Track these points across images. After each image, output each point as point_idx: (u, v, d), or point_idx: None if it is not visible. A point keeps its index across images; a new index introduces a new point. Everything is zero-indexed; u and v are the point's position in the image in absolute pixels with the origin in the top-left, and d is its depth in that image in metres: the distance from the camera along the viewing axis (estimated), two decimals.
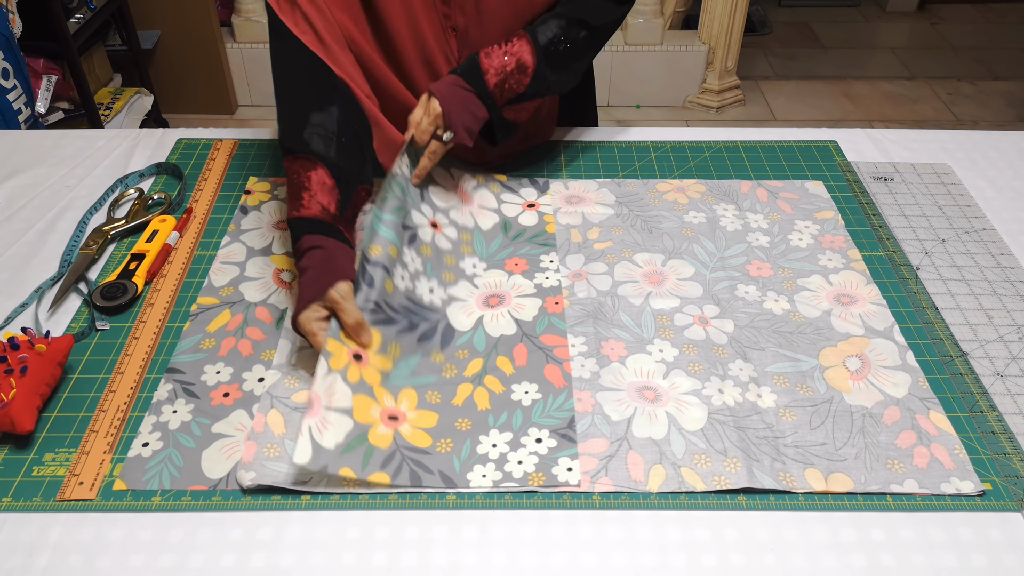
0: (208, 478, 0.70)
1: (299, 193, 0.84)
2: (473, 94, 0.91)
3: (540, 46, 0.93)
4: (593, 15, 0.97)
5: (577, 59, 0.98)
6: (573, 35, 0.95)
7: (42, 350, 0.76)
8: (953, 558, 0.64)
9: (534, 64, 0.92)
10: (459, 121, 0.90)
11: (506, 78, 0.91)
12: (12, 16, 1.83)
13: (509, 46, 0.92)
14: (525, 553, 0.65)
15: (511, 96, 0.93)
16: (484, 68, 0.91)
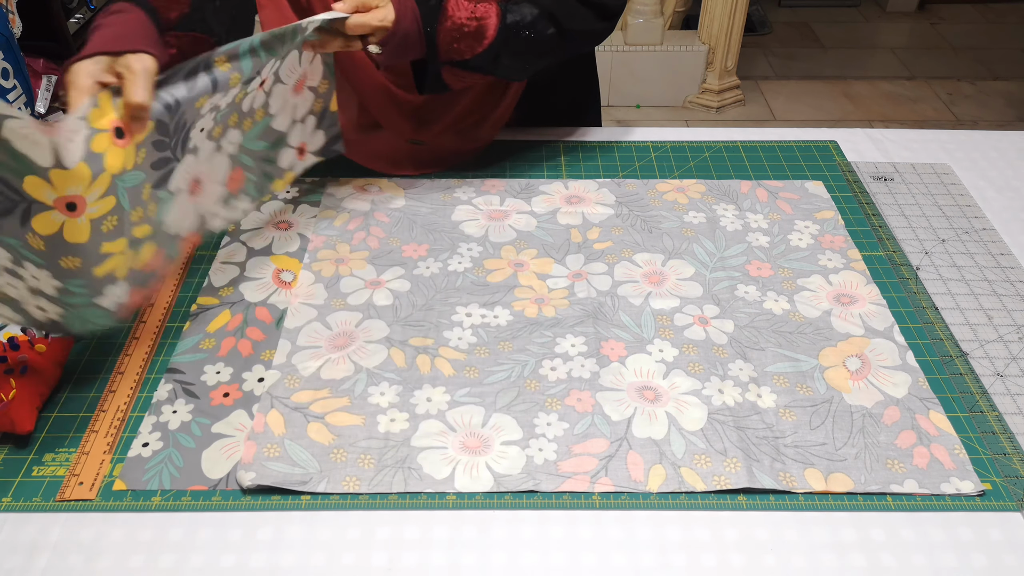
0: (208, 478, 0.70)
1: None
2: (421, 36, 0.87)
3: (505, 23, 0.90)
4: (568, 17, 0.94)
5: (536, 53, 0.95)
6: (541, 28, 0.92)
7: (42, 350, 0.76)
8: (953, 558, 0.64)
9: (492, 38, 0.89)
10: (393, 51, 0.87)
11: (460, 38, 0.88)
12: (12, 16, 1.83)
13: (480, 6, 0.89)
14: (525, 553, 0.65)
15: (456, 57, 0.90)
16: (446, 15, 0.87)
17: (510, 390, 0.78)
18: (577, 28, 0.95)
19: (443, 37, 0.88)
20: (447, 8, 0.88)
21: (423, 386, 0.78)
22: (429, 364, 0.80)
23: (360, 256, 0.94)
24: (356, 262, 0.93)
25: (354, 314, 0.86)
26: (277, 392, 0.77)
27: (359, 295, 0.88)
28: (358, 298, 0.88)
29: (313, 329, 0.84)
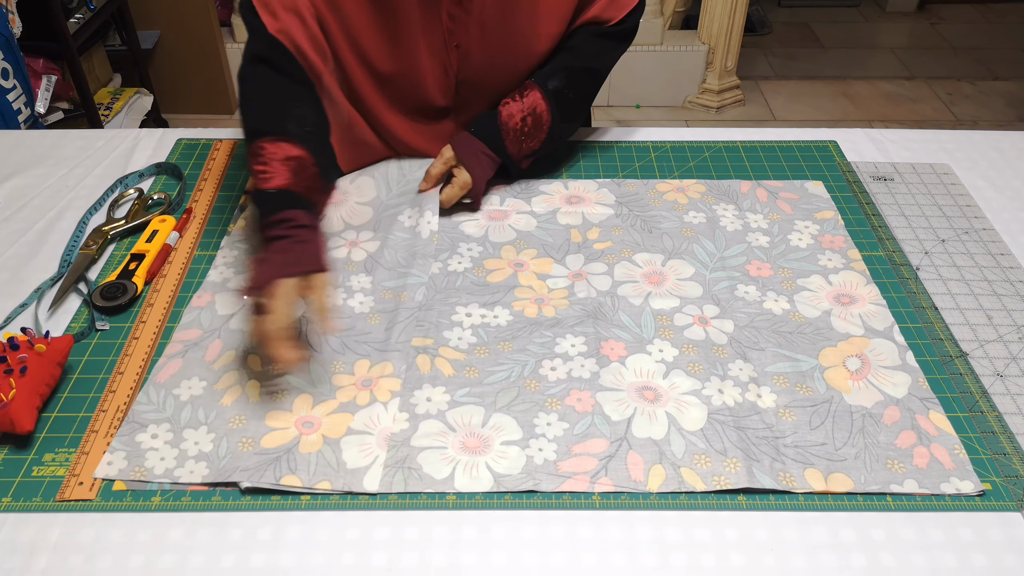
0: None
1: (273, 168, 0.82)
2: (495, 160, 0.99)
3: (551, 96, 0.98)
4: (597, 59, 1.02)
5: (582, 105, 1.04)
6: (579, 81, 1.01)
7: (42, 350, 0.76)
8: (953, 558, 0.64)
9: (549, 120, 0.99)
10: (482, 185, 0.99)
11: (524, 138, 0.99)
12: (12, 16, 1.83)
13: (525, 100, 0.98)
14: (525, 553, 0.65)
15: (527, 153, 1.01)
16: (504, 131, 0.98)
17: (510, 390, 0.78)
18: (607, 64, 1.03)
19: (512, 149, 0.99)
20: (503, 121, 0.98)
21: (423, 386, 0.78)
22: (429, 364, 0.80)
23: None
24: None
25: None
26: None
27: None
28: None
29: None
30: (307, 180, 0.83)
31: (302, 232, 0.79)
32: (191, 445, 0.72)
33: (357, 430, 0.73)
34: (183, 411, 0.75)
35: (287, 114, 0.86)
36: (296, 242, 0.78)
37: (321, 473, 0.70)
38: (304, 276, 0.76)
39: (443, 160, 0.98)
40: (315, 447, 0.72)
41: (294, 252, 0.77)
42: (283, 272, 0.75)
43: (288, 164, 0.82)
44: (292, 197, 0.81)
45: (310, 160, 0.84)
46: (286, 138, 0.84)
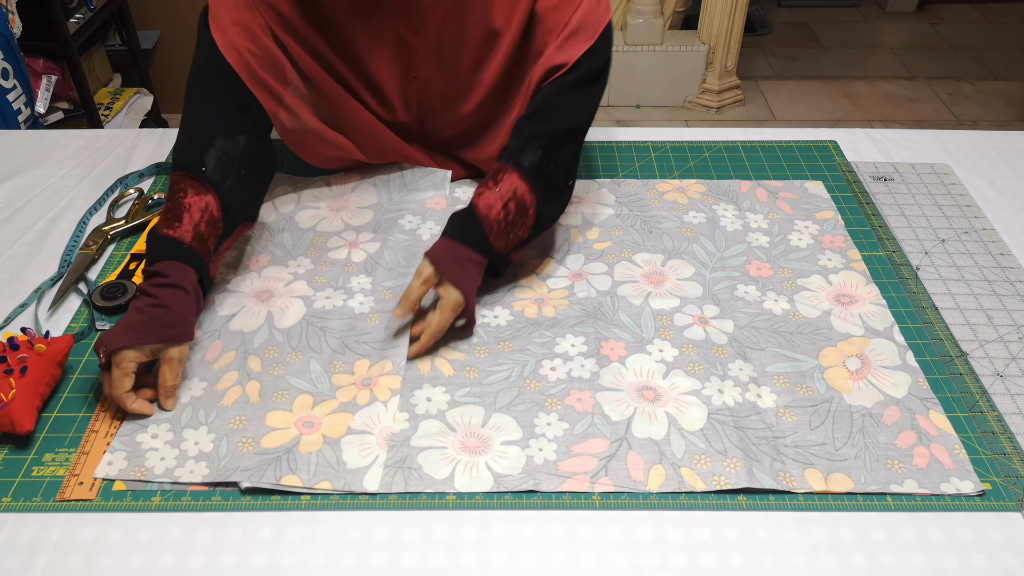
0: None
1: (180, 214, 0.80)
2: (479, 265, 0.83)
3: (530, 175, 0.84)
4: (570, 115, 0.89)
5: (569, 177, 0.89)
6: (557, 149, 0.87)
7: (42, 350, 0.76)
8: (953, 558, 0.64)
9: (534, 201, 0.84)
10: (473, 301, 0.82)
11: (509, 228, 0.84)
12: (12, 16, 1.83)
13: (501, 187, 0.84)
14: (525, 553, 0.65)
15: (517, 243, 0.86)
16: (486, 225, 0.83)
17: (510, 390, 0.77)
18: (582, 118, 0.90)
19: (499, 244, 0.84)
20: (482, 215, 0.83)
21: (423, 386, 0.78)
22: (429, 364, 0.80)
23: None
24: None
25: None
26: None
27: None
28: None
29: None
30: (207, 229, 0.81)
31: (168, 293, 0.76)
32: (191, 445, 0.72)
33: (357, 430, 0.73)
34: (183, 411, 0.75)
35: (212, 145, 0.84)
36: (156, 305, 0.75)
37: (321, 473, 0.70)
38: (152, 346, 0.74)
39: (422, 279, 0.81)
40: (315, 447, 0.72)
41: (148, 316, 0.75)
42: (132, 340, 0.73)
43: (194, 214, 0.80)
44: (178, 248, 0.79)
45: (216, 204, 0.82)
46: (197, 178, 0.82)
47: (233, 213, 0.84)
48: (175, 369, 0.75)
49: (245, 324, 0.84)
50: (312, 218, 0.99)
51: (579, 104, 0.90)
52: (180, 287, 0.77)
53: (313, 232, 0.97)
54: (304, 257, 0.93)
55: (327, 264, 0.92)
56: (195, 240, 0.80)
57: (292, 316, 0.85)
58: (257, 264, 0.92)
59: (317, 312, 0.86)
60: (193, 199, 0.81)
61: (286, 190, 1.03)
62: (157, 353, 0.75)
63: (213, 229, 0.82)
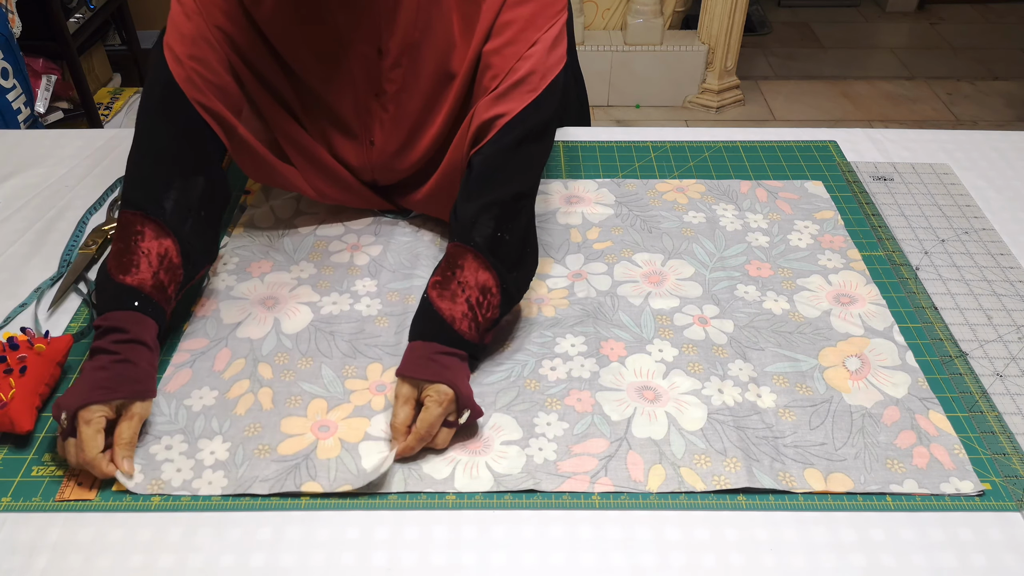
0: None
1: (137, 260, 0.76)
2: (452, 355, 0.75)
3: (486, 251, 0.78)
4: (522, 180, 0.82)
5: (525, 243, 0.82)
6: (511, 218, 0.80)
7: (41, 350, 0.76)
8: (953, 558, 0.64)
9: (496, 279, 0.77)
10: (469, 392, 0.74)
11: (475, 313, 0.76)
12: (12, 16, 1.83)
13: (459, 273, 0.77)
14: (525, 553, 0.65)
15: (487, 326, 0.78)
16: (448, 318, 0.75)
17: (510, 390, 0.77)
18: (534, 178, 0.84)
19: (468, 331, 0.76)
20: (442, 312, 0.76)
21: None
22: None
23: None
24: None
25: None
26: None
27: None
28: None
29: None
30: (166, 275, 0.77)
31: (129, 349, 0.72)
32: (207, 455, 0.72)
33: (375, 436, 0.73)
34: (196, 421, 0.75)
35: (170, 184, 0.80)
36: (120, 360, 0.71)
37: (341, 479, 0.70)
38: (118, 402, 0.70)
39: (402, 400, 0.73)
40: (333, 452, 0.72)
41: (112, 372, 0.71)
42: (99, 396, 0.69)
43: (149, 256, 0.76)
44: (140, 298, 0.74)
45: (175, 249, 0.78)
46: (157, 219, 0.78)
47: (193, 259, 0.80)
48: (135, 427, 0.71)
49: (252, 332, 0.84)
50: (312, 222, 0.99)
51: (527, 165, 0.83)
52: (141, 343, 0.73)
53: (314, 236, 0.97)
54: (306, 262, 0.93)
55: (330, 268, 0.92)
56: (154, 288, 0.75)
57: (299, 322, 0.85)
58: (260, 270, 0.92)
59: (324, 317, 0.86)
60: (152, 243, 0.76)
61: (285, 197, 1.03)
62: (121, 409, 0.71)
63: (173, 276, 0.77)
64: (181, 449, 0.72)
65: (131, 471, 0.70)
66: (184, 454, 0.72)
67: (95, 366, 0.71)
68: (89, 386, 0.70)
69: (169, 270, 0.77)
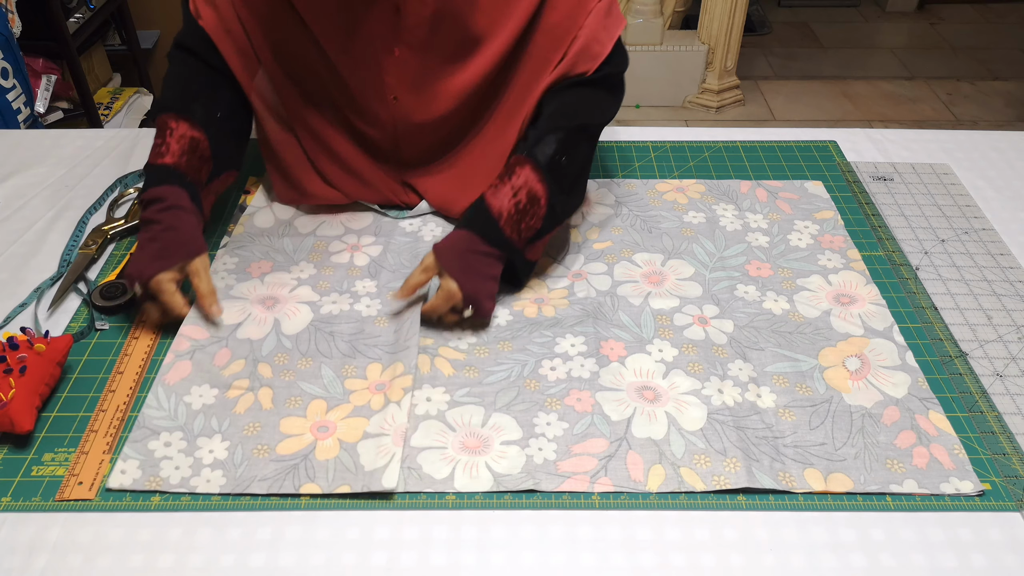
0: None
1: (170, 146, 0.86)
2: (490, 256, 0.83)
3: (544, 168, 0.84)
4: (587, 114, 0.89)
5: (582, 173, 0.90)
6: (571, 145, 0.87)
7: (41, 350, 0.76)
8: (953, 558, 0.64)
9: (546, 192, 0.84)
10: (481, 295, 0.82)
11: (520, 217, 0.83)
12: (11, 16, 1.83)
13: (514, 179, 0.84)
14: (525, 553, 0.65)
15: (530, 235, 0.84)
16: (495, 213, 0.82)
17: (510, 390, 0.77)
18: (597, 119, 0.91)
19: (510, 233, 0.83)
20: (491, 207, 0.83)
21: (423, 386, 0.78)
22: (429, 364, 0.80)
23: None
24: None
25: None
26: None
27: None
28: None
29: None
30: (196, 161, 0.87)
31: (171, 215, 0.83)
32: (206, 453, 0.72)
33: (373, 433, 0.73)
34: (196, 419, 0.75)
35: (197, 97, 0.89)
36: (165, 229, 0.82)
37: (340, 478, 0.70)
38: (178, 265, 0.81)
39: (422, 267, 0.83)
40: (332, 453, 0.72)
41: (163, 242, 0.82)
42: (160, 266, 0.81)
43: (181, 143, 0.86)
44: (173, 174, 0.85)
45: (205, 143, 0.87)
46: (188, 118, 0.87)
47: (220, 159, 0.89)
48: (205, 278, 0.83)
49: (252, 332, 0.84)
50: (311, 223, 0.99)
51: (596, 105, 0.90)
52: (179, 207, 0.83)
53: (314, 236, 0.97)
54: (306, 262, 0.93)
55: (330, 268, 0.92)
56: (188, 167, 0.85)
57: (299, 322, 0.85)
58: (259, 270, 0.91)
59: (324, 317, 0.86)
60: (183, 134, 0.86)
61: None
62: (184, 270, 0.82)
63: (203, 164, 0.87)
64: (180, 447, 0.72)
65: (220, 312, 0.84)
66: (183, 452, 0.72)
67: (147, 237, 0.83)
68: (148, 257, 0.81)
69: (201, 158, 0.87)
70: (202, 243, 0.84)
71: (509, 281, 0.88)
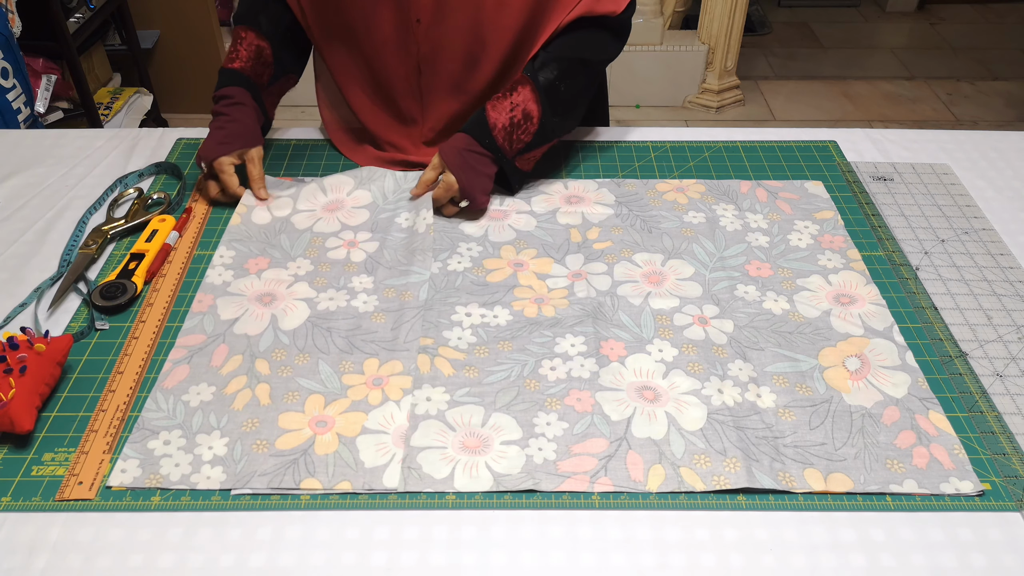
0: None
1: (239, 53, 1.03)
2: (484, 156, 0.97)
3: (542, 89, 0.97)
4: (591, 51, 1.01)
5: (576, 101, 1.02)
6: (572, 75, 0.99)
7: (41, 350, 0.76)
8: (953, 558, 0.64)
9: (539, 113, 0.97)
10: (475, 189, 0.97)
11: (512, 130, 0.96)
12: (12, 16, 1.83)
13: (514, 95, 0.97)
14: (525, 553, 0.65)
15: (520, 147, 0.98)
16: (491, 123, 0.96)
17: (510, 390, 0.78)
18: (601, 57, 1.02)
19: (502, 142, 0.97)
20: (488, 118, 0.96)
21: (423, 386, 0.78)
22: (429, 364, 0.80)
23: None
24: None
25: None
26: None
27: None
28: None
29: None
30: (260, 67, 1.03)
31: (236, 110, 1.01)
32: (205, 450, 0.72)
33: (372, 429, 0.73)
34: (194, 417, 0.75)
35: (264, 10, 1.05)
36: (230, 120, 1.00)
37: (340, 474, 0.70)
38: (237, 151, 0.99)
39: (431, 166, 0.99)
40: (331, 447, 0.72)
41: (228, 131, 0.99)
42: (223, 150, 0.98)
43: (249, 50, 1.03)
44: (240, 77, 1.02)
45: (269, 51, 1.04)
46: (255, 29, 1.04)
47: (282, 64, 1.06)
48: (258, 164, 1.00)
49: (249, 328, 0.84)
50: (308, 219, 0.99)
51: (598, 44, 1.01)
52: (243, 104, 1.01)
53: (310, 233, 0.97)
54: (303, 258, 0.93)
55: (327, 264, 0.92)
56: (252, 72, 1.03)
57: (296, 318, 0.85)
58: (256, 267, 0.92)
59: (321, 313, 0.86)
60: (251, 43, 1.03)
61: (280, 194, 1.03)
62: (242, 156, 1.00)
63: (265, 68, 1.04)
64: (179, 444, 0.72)
65: (267, 196, 1.00)
66: (182, 449, 0.72)
67: (215, 126, 1.01)
68: (215, 142, 0.99)
69: (262, 64, 1.04)
70: (259, 136, 1.01)
71: (504, 186, 1.03)
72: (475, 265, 0.93)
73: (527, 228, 0.98)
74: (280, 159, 1.11)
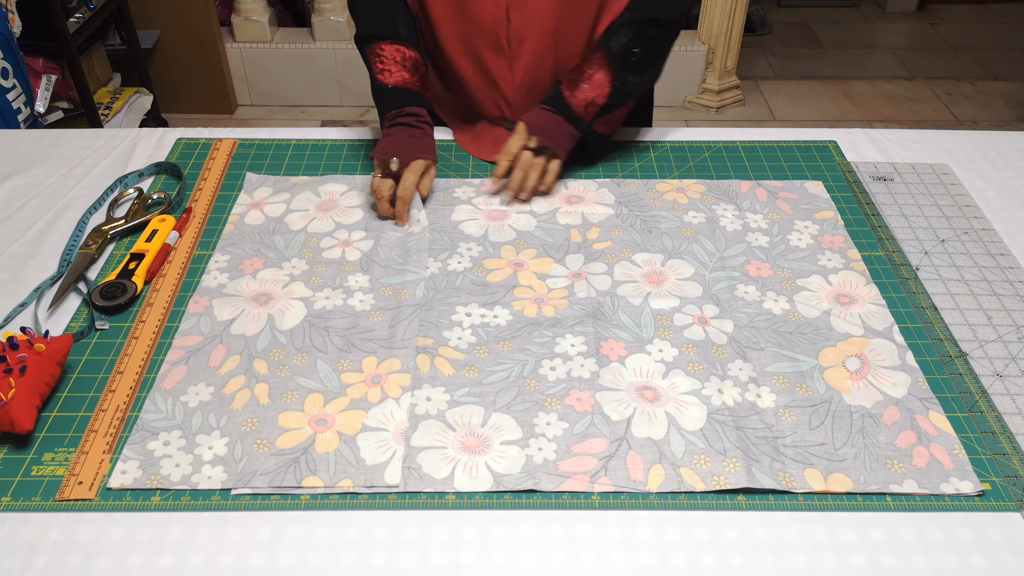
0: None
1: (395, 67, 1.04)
2: (563, 118, 1.02)
3: (614, 56, 1.01)
4: (663, 9, 1.03)
5: (654, 60, 1.06)
6: (646, 36, 1.02)
7: (41, 350, 0.76)
8: (952, 558, 0.64)
9: (609, 79, 1.01)
10: (556, 137, 1.02)
11: (588, 100, 1.01)
12: (12, 16, 1.83)
13: (589, 69, 1.02)
14: (525, 553, 0.65)
15: (595, 111, 1.02)
16: (567, 96, 1.02)
17: (510, 390, 0.78)
18: (675, 15, 1.04)
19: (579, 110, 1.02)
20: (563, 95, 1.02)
21: (423, 386, 0.78)
22: (429, 364, 0.80)
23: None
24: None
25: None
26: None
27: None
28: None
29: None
30: (421, 78, 1.05)
31: (426, 128, 1.03)
32: (205, 450, 0.72)
33: (372, 427, 0.73)
34: (193, 417, 0.75)
35: (397, 18, 1.06)
36: (424, 134, 1.02)
37: (341, 472, 0.70)
38: (428, 161, 1.01)
39: (515, 133, 1.03)
40: (332, 446, 0.72)
41: (421, 142, 1.01)
42: (415, 155, 1.00)
43: (405, 64, 1.04)
44: (413, 94, 1.04)
45: (421, 60, 1.06)
46: (400, 41, 1.04)
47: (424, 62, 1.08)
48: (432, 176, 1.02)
49: (246, 328, 0.84)
50: (302, 219, 0.99)
51: (672, 3, 1.03)
52: (429, 124, 1.04)
53: (304, 233, 0.97)
54: (298, 258, 0.93)
55: (322, 264, 0.92)
56: (421, 87, 1.05)
57: (293, 318, 0.85)
58: (252, 267, 0.92)
59: (318, 313, 0.86)
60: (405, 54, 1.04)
61: (272, 194, 1.03)
62: (430, 166, 1.02)
63: (425, 80, 1.07)
64: (179, 445, 0.72)
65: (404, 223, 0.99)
66: (182, 449, 0.72)
67: (409, 134, 1.01)
68: (414, 147, 1.00)
69: (421, 75, 1.06)
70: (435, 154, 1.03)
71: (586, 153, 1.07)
72: (475, 265, 0.93)
73: (527, 228, 0.98)
74: (280, 159, 1.11)
